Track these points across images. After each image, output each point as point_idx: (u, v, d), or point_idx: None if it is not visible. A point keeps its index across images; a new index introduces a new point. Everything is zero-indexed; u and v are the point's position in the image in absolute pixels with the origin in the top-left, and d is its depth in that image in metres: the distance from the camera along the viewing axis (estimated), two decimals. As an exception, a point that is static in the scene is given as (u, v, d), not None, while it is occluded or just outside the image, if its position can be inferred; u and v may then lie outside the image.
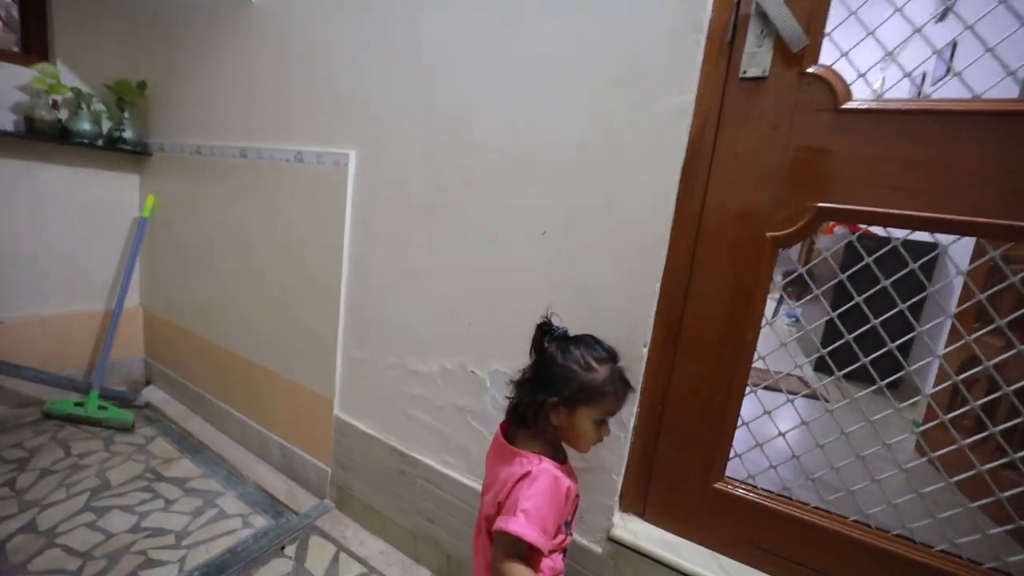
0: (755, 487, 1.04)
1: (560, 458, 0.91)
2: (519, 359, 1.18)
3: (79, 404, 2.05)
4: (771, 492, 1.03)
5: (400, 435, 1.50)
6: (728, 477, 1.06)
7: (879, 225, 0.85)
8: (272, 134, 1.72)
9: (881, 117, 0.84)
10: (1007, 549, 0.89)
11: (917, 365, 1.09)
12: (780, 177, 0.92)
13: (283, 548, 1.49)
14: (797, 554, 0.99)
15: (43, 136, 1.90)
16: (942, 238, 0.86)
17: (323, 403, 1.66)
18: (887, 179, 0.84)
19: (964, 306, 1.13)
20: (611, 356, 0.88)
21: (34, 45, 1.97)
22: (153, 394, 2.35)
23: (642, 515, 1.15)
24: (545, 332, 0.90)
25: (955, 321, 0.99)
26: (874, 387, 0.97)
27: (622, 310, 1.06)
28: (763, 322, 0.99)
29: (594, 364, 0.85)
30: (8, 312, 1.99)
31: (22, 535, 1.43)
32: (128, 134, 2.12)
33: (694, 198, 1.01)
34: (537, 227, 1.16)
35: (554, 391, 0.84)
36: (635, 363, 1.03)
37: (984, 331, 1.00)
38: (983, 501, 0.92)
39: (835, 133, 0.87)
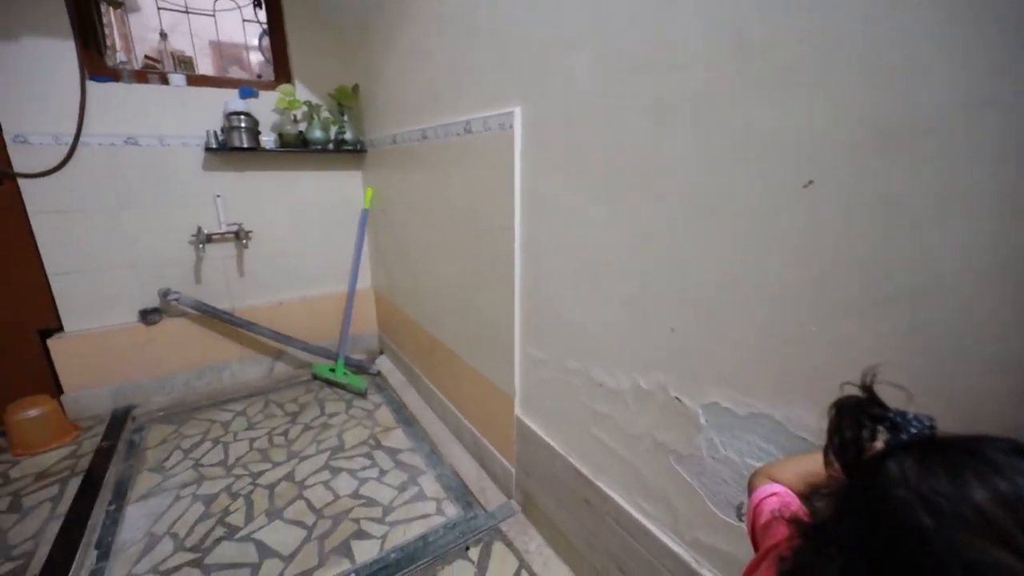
0: None
1: None
2: (754, 394, 0.74)
3: (332, 370, 2.47)
4: None
5: (583, 456, 1.23)
6: None
7: None
8: (445, 108, 1.60)
9: None
10: None
11: None
12: None
13: (467, 549, 1.42)
14: None
15: (291, 147, 2.25)
16: None
17: (505, 400, 1.52)
18: None
19: None
20: None
21: (282, 70, 2.34)
22: (384, 364, 2.69)
23: None
24: (892, 429, 0.39)
25: None
26: None
27: (1001, 330, 0.50)
28: None
29: (1005, 558, 0.30)
30: (284, 295, 2.51)
31: (285, 483, 1.75)
32: (348, 135, 2.37)
33: None
34: (794, 176, 0.67)
35: None
36: None
37: None
38: None
39: None
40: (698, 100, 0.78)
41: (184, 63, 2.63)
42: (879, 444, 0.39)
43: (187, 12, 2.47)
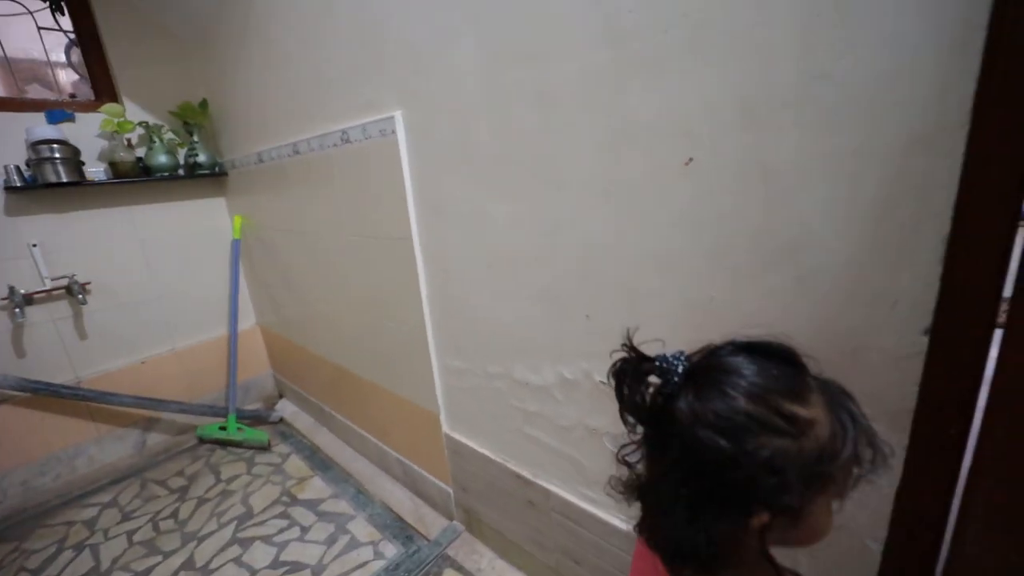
0: None
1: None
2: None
3: (222, 428, 2.14)
4: None
5: (519, 458, 1.20)
6: None
7: None
8: (317, 118, 1.47)
9: None
10: None
11: None
12: None
13: (416, 586, 1.32)
14: None
15: (127, 178, 1.90)
16: None
17: (430, 419, 1.44)
18: None
19: None
20: (822, 384, 0.46)
21: (104, 87, 1.97)
22: (285, 408, 2.41)
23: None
24: (663, 375, 0.46)
25: None
26: None
27: (854, 276, 0.58)
28: None
29: (801, 412, 0.42)
30: (146, 352, 2.12)
31: (183, 573, 1.47)
32: (202, 158, 2.07)
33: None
34: (677, 153, 0.71)
35: (747, 504, 0.42)
36: (893, 365, 0.56)
37: None
38: None
39: None
40: (582, 86, 0.79)
41: (-43, 85, 2.08)
42: (651, 391, 0.47)
43: (-49, 22, 1.95)
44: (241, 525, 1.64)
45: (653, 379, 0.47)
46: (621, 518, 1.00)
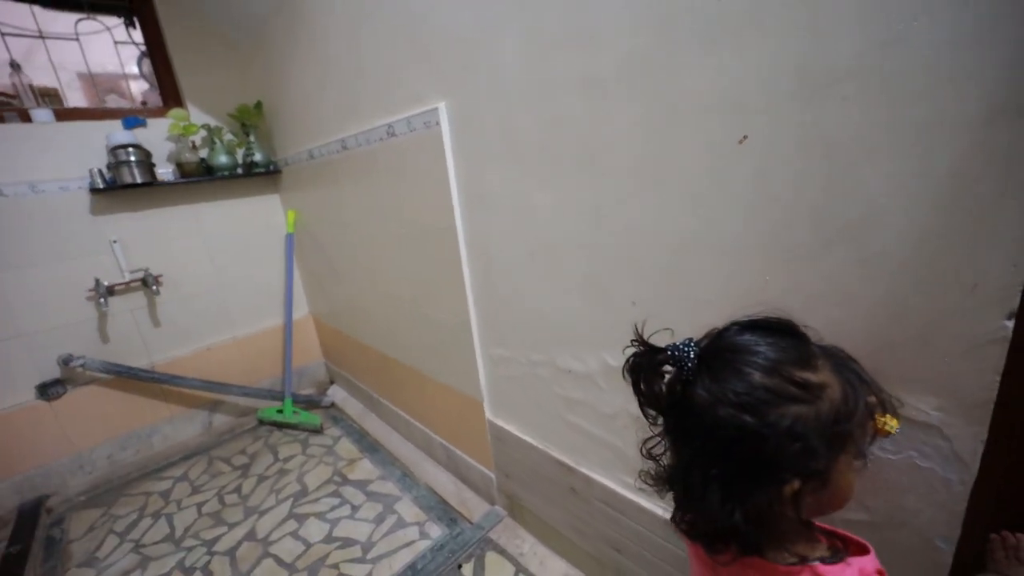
0: None
1: (830, 548, 0.50)
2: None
3: (279, 411, 2.28)
4: None
5: (562, 445, 1.21)
6: None
7: None
8: (364, 113, 1.52)
9: None
10: None
11: None
12: None
13: (460, 567, 1.36)
14: None
15: (193, 177, 2.04)
16: None
17: (474, 406, 1.47)
18: None
19: None
20: (824, 350, 0.49)
21: (170, 94, 2.12)
22: (336, 393, 2.53)
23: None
24: (677, 364, 0.47)
25: None
26: None
27: (924, 256, 0.54)
28: None
29: (813, 378, 0.44)
30: (210, 339, 2.28)
31: (246, 543, 1.58)
32: (258, 157, 2.19)
33: None
34: (731, 132, 0.68)
35: (777, 473, 0.43)
36: (971, 352, 0.52)
37: None
38: None
39: None
40: (629, 69, 0.78)
41: (48, 96, 2.30)
42: (666, 381, 0.48)
43: (42, 37, 2.16)
44: (297, 502, 1.75)
45: (667, 369, 0.49)
46: (662, 506, 0.98)
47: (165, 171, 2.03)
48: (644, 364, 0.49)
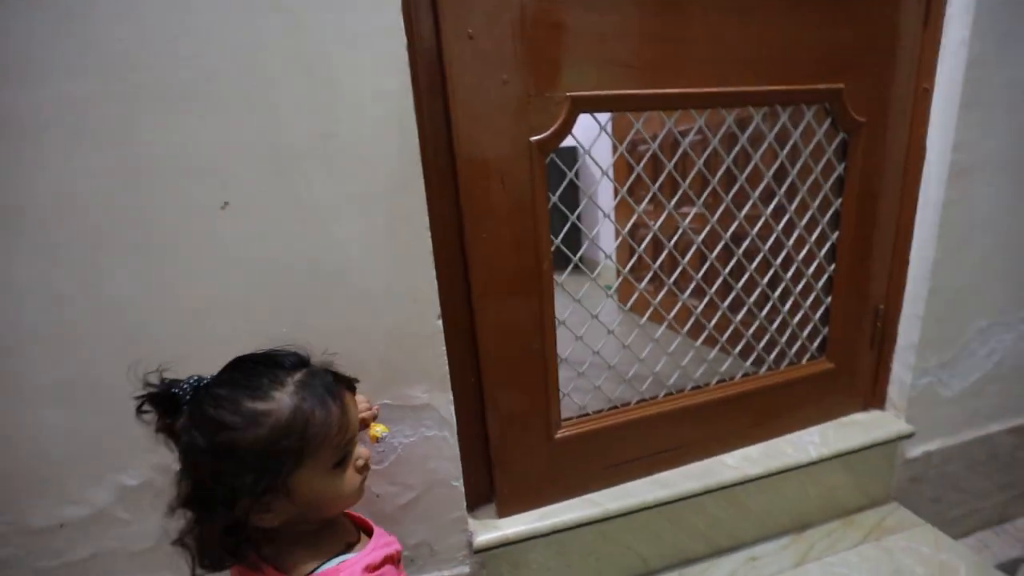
0: (588, 414, 1.00)
1: (343, 539, 0.60)
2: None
3: None
4: (601, 410, 1.01)
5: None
6: (564, 420, 0.97)
7: (631, 109, 0.82)
8: None
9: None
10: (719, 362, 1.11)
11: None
12: (521, 61, 0.76)
13: None
14: (639, 449, 1.01)
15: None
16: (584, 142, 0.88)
17: None
18: (627, 57, 0.80)
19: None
20: (289, 365, 0.55)
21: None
22: None
23: (495, 508, 0.96)
24: (167, 407, 0.51)
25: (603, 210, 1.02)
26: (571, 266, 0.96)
27: (388, 287, 0.76)
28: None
29: (260, 407, 0.49)
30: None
31: None
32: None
33: (435, 113, 0.76)
34: (213, 197, 0.69)
35: (232, 491, 0.48)
36: (427, 346, 0.78)
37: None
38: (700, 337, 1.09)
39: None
40: (71, 115, 0.63)
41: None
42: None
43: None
44: None
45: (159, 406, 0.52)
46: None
47: None
48: (151, 402, 0.52)
